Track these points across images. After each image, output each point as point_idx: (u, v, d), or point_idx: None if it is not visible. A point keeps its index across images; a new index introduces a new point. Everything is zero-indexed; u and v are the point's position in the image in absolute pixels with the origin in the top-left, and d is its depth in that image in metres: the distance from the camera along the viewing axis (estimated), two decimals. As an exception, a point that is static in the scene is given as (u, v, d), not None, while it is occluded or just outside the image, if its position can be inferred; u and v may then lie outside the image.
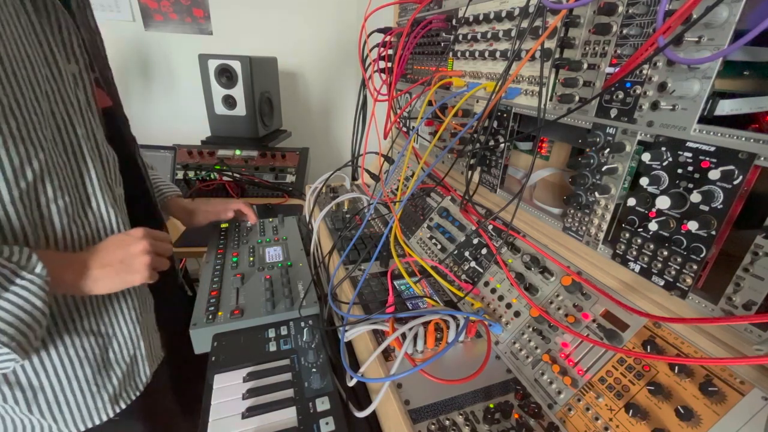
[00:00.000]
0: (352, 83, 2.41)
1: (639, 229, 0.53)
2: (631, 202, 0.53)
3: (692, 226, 0.45)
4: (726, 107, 0.45)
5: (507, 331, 0.68)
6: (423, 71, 1.07)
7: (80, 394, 0.64)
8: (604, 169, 0.57)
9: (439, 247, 0.91)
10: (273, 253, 1.00)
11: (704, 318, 0.46)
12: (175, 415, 0.88)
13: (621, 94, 0.54)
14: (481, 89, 0.81)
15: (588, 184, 0.60)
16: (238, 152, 1.76)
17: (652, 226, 0.50)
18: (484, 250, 0.80)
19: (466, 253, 0.83)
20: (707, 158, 0.45)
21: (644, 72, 0.50)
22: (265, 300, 0.79)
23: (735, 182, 0.42)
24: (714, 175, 0.43)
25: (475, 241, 0.83)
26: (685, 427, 0.44)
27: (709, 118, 0.45)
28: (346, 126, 2.52)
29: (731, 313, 0.44)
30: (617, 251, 0.57)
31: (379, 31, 1.11)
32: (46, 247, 0.58)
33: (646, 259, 0.53)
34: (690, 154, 0.46)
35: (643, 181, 0.50)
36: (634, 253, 0.54)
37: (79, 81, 0.63)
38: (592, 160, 0.59)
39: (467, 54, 0.84)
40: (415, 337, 0.63)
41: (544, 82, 0.64)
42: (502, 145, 0.80)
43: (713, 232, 0.44)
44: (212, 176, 1.66)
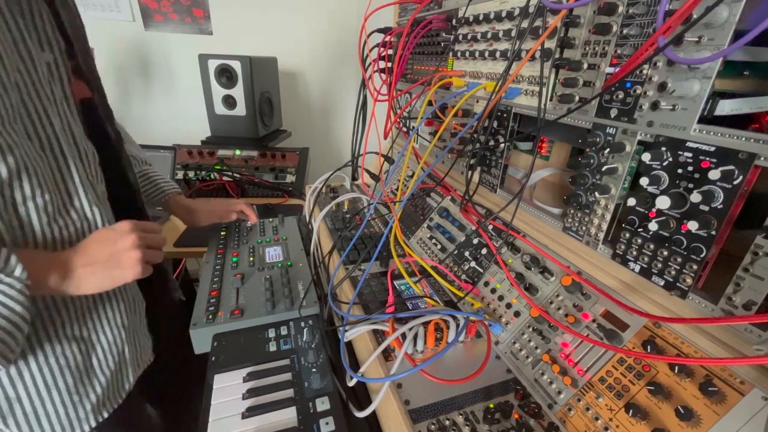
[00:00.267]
0: (352, 83, 2.41)
1: (639, 229, 0.53)
2: (631, 202, 0.53)
3: (692, 226, 0.45)
4: (726, 107, 0.45)
5: (507, 331, 0.68)
6: (423, 71, 1.07)
7: (60, 405, 0.61)
8: (604, 169, 0.57)
9: (439, 247, 0.91)
10: (273, 253, 1.00)
11: (704, 318, 0.46)
12: (155, 421, 0.84)
13: (621, 94, 0.54)
14: (481, 89, 0.81)
15: (588, 184, 0.60)
16: (238, 152, 1.76)
17: (652, 226, 0.50)
18: (484, 250, 0.80)
19: (466, 253, 0.83)
20: (707, 158, 0.45)
21: (644, 72, 0.50)
22: (265, 300, 0.79)
23: (735, 182, 0.42)
24: (714, 175, 0.43)
25: (475, 241, 0.83)
26: (685, 427, 0.44)
27: (709, 118, 0.45)
28: (346, 126, 2.52)
29: (731, 313, 0.44)
30: (617, 251, 0.57)
31: (379, 31, 1.11)
32: (24, 247, 0.55)
33: (646, 259, 0.53)
34: (690, 154, 0.46)
35: (643, 181, 0.50)
36: (634, 253, 0.54)
37: (54, 71, 0.59)
38: (592, 160, 0.59)
39: (467, 54, 0.84)
40: (415, 337, 0.63)
41: (544, 82, 0.64)
42: (502, 145, 0.80)
43: (713, 232, 0.44)
44: (212, 176, 1.66)
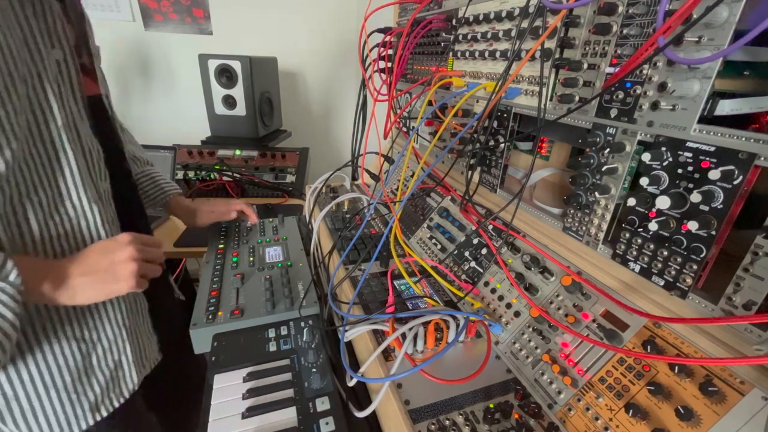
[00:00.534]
0: (352, 83, 2.41)
1: (639, 229, 0.53)
2: (631, 202, 0.53)
3: (692, 226, 0.45)
4: (726, 107, 0.45)
5: (507, 331, 0.68)
6: (423, 71, 1.07)
7: (58, 403, 0.61)
8: (604, 169, 0.57)
9: (439, 247, 0.91)
10: (273, 253, 1.00)
11: (704, 318, 0.46)
12: (155, 423, 0.84)
13: (621, 94, 0.54)
14: (481, 89, 0.81)
15: (588, 184, 0.60)
16: (238, 152, 1.76)
17: (652, 226, 0.50)
18: (484, 250, 0.80)
19: (466, 253, 0.83)
20: (707, 158, 0.45)
21: (644, 72, 0.50)
22: (265, 300, 0.79)
23: (735, 182, 0.42)
24: (714, 175, 0.43)
25: (475, 241, 0.83)
26: (685, 427, 0.44)
27: (709, 118, 0.45)
28: (346, 126, 2.52)
29: (731, 313, 0.44)
30: (617, 251, 0.57)
31: (379, 31, 1.11)
32: (22, 245, 0.55)
33: (646, 259, 0.53)
34: (690, 154, 0.46)
35: (643, 181, 0.50)
36: (634, 253, 0.54)
37: (63, 68, 0.58)
38: (592, 160, 0.59)
39: (467, 54, 0.84)
40: (415, 337, 0.63)
41: (544, 82, 0.64)
42: (502, 145, 0.80)
43: (713, 232, 0.44)
44: (212, 176, 1.66)
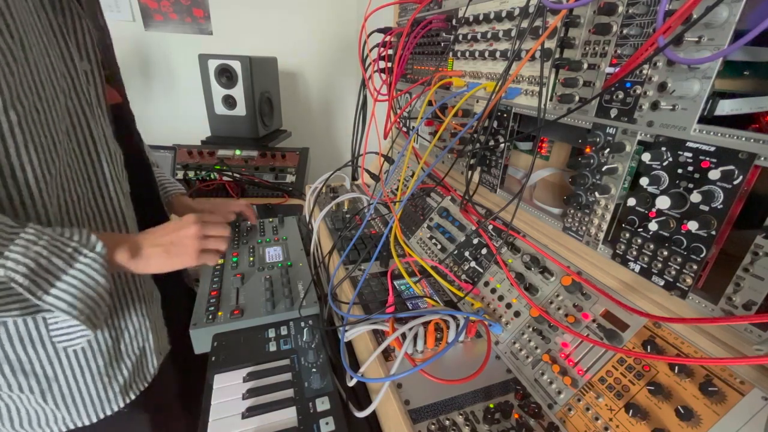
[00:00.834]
0: (352, 83, 2.41)
1: (639, 229, 0.53)
2: (631, 202, 0.53)
3: (692, 226, 0.45)
4: (726, 107, 0.45)
5: (507, 331, 0.68)
6: (423, 71, 1.07)
7: (92, 385, 0.66)
8: (604, 169, 0.57)
9: (439, 247, 0.91)
10: (273, 253, 1.00)
11: (704, 318, 0.46)
12: (176, 408, 0.89)
13: (621, 94, 0.54)
14: (481, 89, 0.81)
15: (588, 184, 0.60)
16: (238, 152, 1.76)
17: (652, 226, 0.50)
18: (484, 250, 0.80)
19: (466, 253, 0.83)
20: (707, 158, 0.45)
21: (644, 72, 0.50)
22: (265, 300, 0.79)
23: (735, 182, 0.42)
24: (714, 175, 0.43)
25: (475, 241, 0.83)
26: (685, 427, 0.44)
27: (709, 118, 0.45)
28: (346, 126, 2.52)
29: (731, 313, 0.44)
30: (617, 251, 0.57)
31: (379, 31, 1.11)
32: None
33: (646, 259, 0.53)
34: (690, 154, 0.46)
35: (643, 181, 0.50)
36: (634, 253, 0.54)
37: (90, 78, 0.64)
38: (592, 160, 0.59)
39: (467, 54, 0.84)
40: (415, 337, 0.63)
41: (544, 82, 0.64)
42: (502, 145, 0.80)
43: (713, 232, 0.44)
44: (212, 176, 1.66)
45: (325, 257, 0.96)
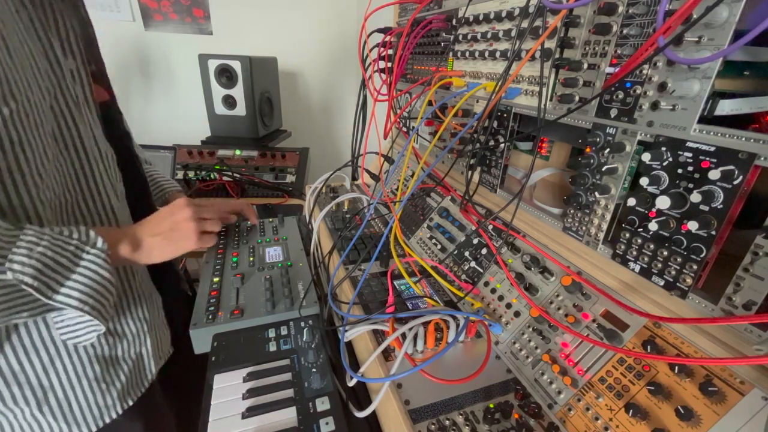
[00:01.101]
0: (352, 83, 2.41)
1: (639, 229, 0.53)
2: (631, 202, 0.53)
3: (692, 226, 0.45)
4: (726, 107, 0.45)
5: (507, 331, 0.68)
6: (423, 71, 1.07)
7: (90, 392, 0.64)
8: (604, 169, 0.57)
9: (439, 247, 0.91)
10: (273, 253, 1.00)
11: (704, 318, 0.46)
12: (169, 414, 0.88)
13: (621, 94, 0.54)
14: (481, 89, 0.81)
15: (588, 184, 0.60)
16: (238, 152, 1.76)
17: (652, 226, 0.50)
18: (484, 250, 0.80)
19: (466, 253, 0.83)
20: (707, 158, 0.45)
21: (644, 72, 0.50)
22: (265, 300, 0.79)
23: (735, 182, 0.42)
24: (714, 175, 0.43)
25: (475, 241, 0.83)
26: (685, 427, 0.44)
27: (709, 118, 0.45)
28: (346, 126, 2.52)
29: (731, 313, 0.44)
30: (617, 251, 0.57)
31: (379, 31, 1.11)
32: None
33: (646, 259, 0.53)
34: (690, 154, 0.46)
35: (643, 181, 0.50)
36: (634, 253, 0.54)
37: (76, 76, 0.62)
38: (592, 160, 0.59)
39: (467, 54, 0.84)
40: (415, 337, 0.63)
41: (544, 82, 0.64)
42: (502, 145, 0.80)
43: (713, 232, 0.44)
44: (212, 176, 1.66)
45: (325, 257, 0.95)
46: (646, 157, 0.50)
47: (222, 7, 2.10)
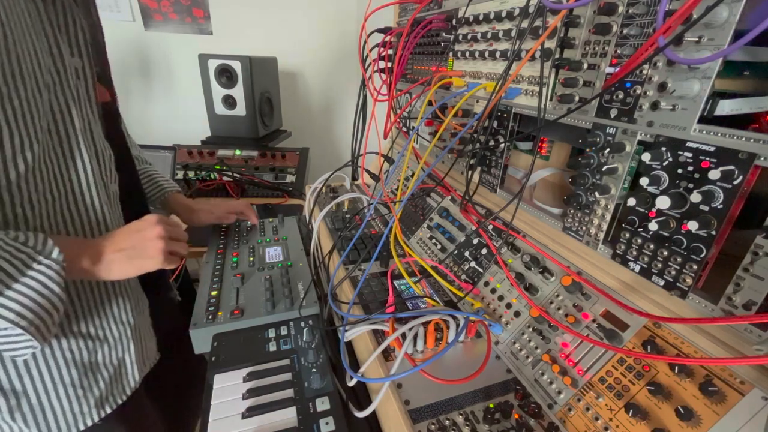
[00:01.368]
0: (352, 83, 2.41)
1: (639, 229, 0.53)
2: (631, 202, 0.53)
3: (692, 226, 0.45)
4: (726, 107, 0.45)
5: (507, 331, 0.68)
6: (423, 71, 1.07)
7: (65, 399, 0.62)
8: (604, 169, 0.57)
9: (439, 247, 0.91)
10: (273, 253, 1.00)
11: (704, 318, 0.46)
12: (155, 421, 0.85)
13: (621, 94, 0.54)
14: (481, 89, 0.81)
15: (588, 184, 0.60)
16: (238, 152, 1.76)
17: (652, 226, 0.50)
18: (484, 250, 0.80)
19: (466, 253, 0.83)
20: (707, 158, 0.45)
21: (644, 72, 0.50)
22: (265, 300, 0.79)
23: (735, 182, 0.42)
24: (714, 175, 0.43)
25: (475, 241, 0.83)
26: (685, 427, 0.44)
27: (709, 118, 0.45)
28: (346, 126, 2.52)
29: (731, 313, 0.44)
30: (617, 251, 0.57)
31: (379, 31, 1.11)
32: None
33: (646, 259, 0.53)
34: (690, 154, 0.46)
35: (643, 181, 0.50)
36: (634, 253, 0.54)
37: (81, 75, 0.62)
38: (592, 160, 0.59)
39: (467, 54, 0.84)
40: (415, 337, 0.63)
41: (544, 82, 0.64)
42: (502, 145, 0.80)
43: (713, 232, 0.44)
44: (212, 176, 1.66)
45: (325, 257, 0.95)
46: (646, 157, 0.50)
47: (222, 7, 2.10)
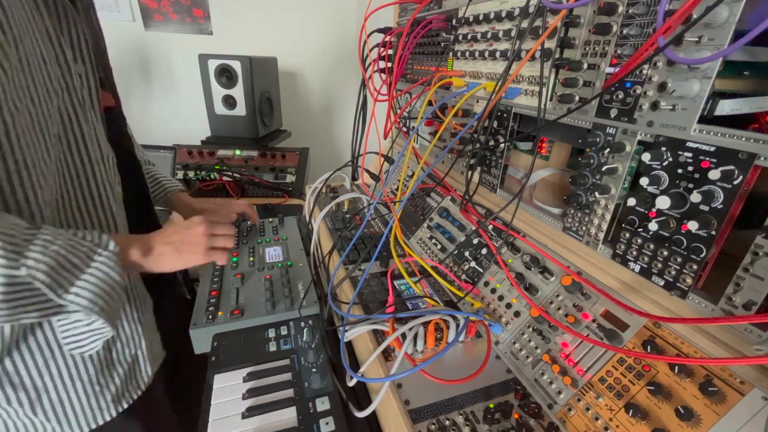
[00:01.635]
0: (352, 83, 2.41)
1: (639, 229, 0.53)
2: (631, 202, 0.53)
3: (692, 226, 0.45)
4: (726, 107, 0.45)
5: (507, 331, 0.68)
6: (423, 71, 1.07)
7: (84, 395, 0.64)
8: (604, 169, 0.57)
9: (439, 247, 0.91)
10: (273, 253, 1.00)
11: (704, 318, 0.46)
12: (170, 416, 0.87)
13: (621, 94, 0.54)
14: (481, 89, 0.81)
15: (588, 184, 0.60)
16: (238, 152, 1.76)
17: (652, 226, 0.50)
18: (484, 250, 0.80)
19: (466, 253, 0.83)
20: (707, 158, 0.45)
21: (644, 72, 0.50)
22: (265, 300, 0.79)
23: (735, 182, 0.42)
24: (714, 175, 0.43)
25: (475, 241, 0.83)
26: (685, 427, 0.44)
27: (709, 118, 0.45)
28: (346, 126, 2.52)
29: (731, 313, 0.44)
30: (617, 251, 0.57)
31: (379, 31, 1.11)
32: None
33: (646, 259, 0.53)
34: (690, 154, 0.46)
35: (643, 181, 0.50)
36: (634, 253, 0.54)
37: (84, 81, 0.64)
38: (592, 160, 0.59)
39: (467, 54, 0.84)
40: (415, 337, 0.63)
41: (544, 82, 0.64)
42: (502, 145, 0.80)
43: (713, 232, 0.44)
44: (212, 176, 1.66)
45: (325, 257, 0.95)
46: (646, 157, 0.50)
47: (222, 7, 2.10)
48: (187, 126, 2.19)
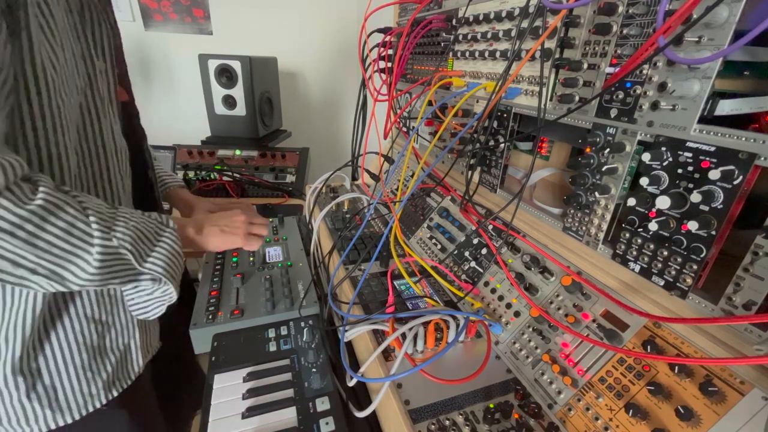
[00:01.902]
0: (352, 83, 2.41)
1: (639, 229, 0.53)
2: (631, 202, 0.53)
3: (692, 226, 0.45)
4: (726, 107, 0.45)
5: (507, 331, 0.68)
6: (423, 71, 1.07)
7: (76, 380, 0.66)
8: (604, 169, 0.57)
9: (439, 247, 0.91)
10: (273, 253, 1.00)
11: (704, 318, 0.46)
12: (157, 414, 0.88)
13: (621, 94, 0.54)
14: (481, 89, 0.81)
15: (588, 184, 0.60)
16: (238, 152, 1.76)
17: (652, 226, 0.50)
18: (484, 250, 0.80)
19: (466, 253, 0.83)
20: (707, 158, 0.45)
21: (644, 72, 0.50)
22: (265, 300, 0.79)
23: (735, 182, 0.42)
24: (714, 175, 0.43)
25: (475, 241, 0.83)
26: (685, 427, 0.44)
27: (709, 118, 0.45)
28: (346, 126, 2.52)
29: (731, 313, 0.44)
30: (617, 251, 0.57)
31: (379, 31, 1.11)
32: None
33: (646, 259, 0.53)
34: (690, 154, 0.46)
35: (643, 181, 0.50)
36: (634, 253, 0.54)
37: (104, 76, 0.66)
38: (592, 160, 0.59)
39: (467, 54, 0.84)
40: (415, 337, 0.63)
41: (544, 82, 0.64)
42: (502, 145, 0.80)
43: (713, 232, 0.44)
44: (212, 176, 1.66)
45: (325, 257, 0.96)
46: (646, 157, 0.50)
47: (222, 7, 2.10)
48: (187, 126, 2.19)
